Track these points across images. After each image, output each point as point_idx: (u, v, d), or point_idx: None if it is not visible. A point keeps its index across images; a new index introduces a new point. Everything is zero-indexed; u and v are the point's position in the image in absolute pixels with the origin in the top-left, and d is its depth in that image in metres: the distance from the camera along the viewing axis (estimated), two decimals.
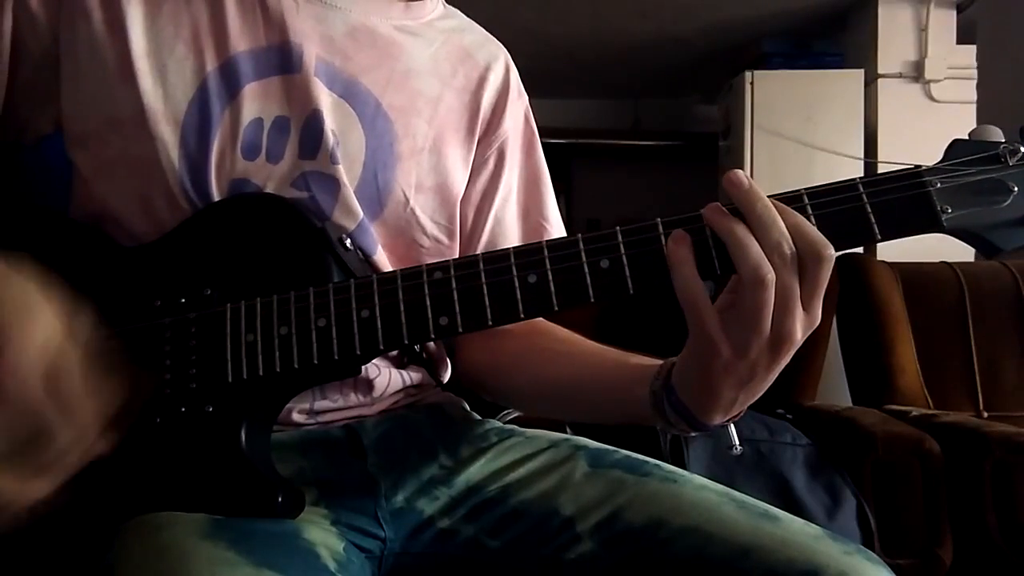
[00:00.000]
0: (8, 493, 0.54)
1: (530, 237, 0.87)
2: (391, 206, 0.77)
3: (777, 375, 0.61)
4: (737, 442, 0.67)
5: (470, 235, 0.86)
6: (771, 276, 0.56)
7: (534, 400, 0.84)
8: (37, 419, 0.52)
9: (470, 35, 0.88)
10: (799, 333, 0.57)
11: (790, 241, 0.57)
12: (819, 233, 0.57)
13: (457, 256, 0.84)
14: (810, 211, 0.58)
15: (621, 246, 0.61)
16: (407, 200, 0.78)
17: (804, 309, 0.57)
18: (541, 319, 0.81)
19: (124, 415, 0.59)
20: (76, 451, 0.55)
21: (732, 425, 0.65)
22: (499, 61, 0.88)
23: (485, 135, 0.86)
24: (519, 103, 0.89)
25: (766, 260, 0.56)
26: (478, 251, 0.85)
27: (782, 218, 0.57)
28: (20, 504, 0.54)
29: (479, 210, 0.86)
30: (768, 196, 0.59)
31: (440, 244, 0.82)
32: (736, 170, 0.59)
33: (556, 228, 0.90)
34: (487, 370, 0.85)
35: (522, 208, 0.89)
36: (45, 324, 0.53)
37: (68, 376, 0.54)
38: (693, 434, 0.65)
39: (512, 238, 0.87)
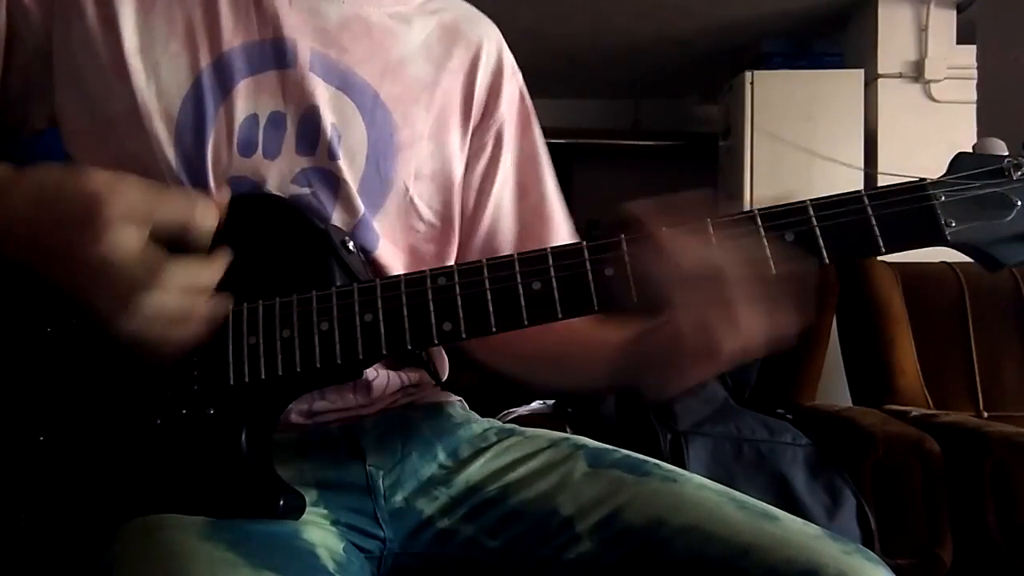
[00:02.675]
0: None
1: (529, 217, 0.87)
2: (392, 196, 0.77)
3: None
4: None
5: (472, 219, 0.85)
6: None
7: (531, 367, 0.84)
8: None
9: (459, 14, 0.87)
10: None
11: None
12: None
13: (450, 242, 0.83)
14: (815, 222, 0.59)
15: (626, 255, 0.61)
16: (407, 189, 0.78)
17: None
18: None
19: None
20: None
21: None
22: (491, 40, 0.87)
23: (483, 120, 0.85)
24: (513, 81, 0.88)
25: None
26: (480, 235, 0.85)
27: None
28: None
29: (480, 193, 0.85)
30: (773, 206, 0.60)
31: (434, 228, 0.82)
32: None
33: (555, 206, 0.88)
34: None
35: (519, 187, 0.88)
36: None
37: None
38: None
39: (510, 220, 0.86)
